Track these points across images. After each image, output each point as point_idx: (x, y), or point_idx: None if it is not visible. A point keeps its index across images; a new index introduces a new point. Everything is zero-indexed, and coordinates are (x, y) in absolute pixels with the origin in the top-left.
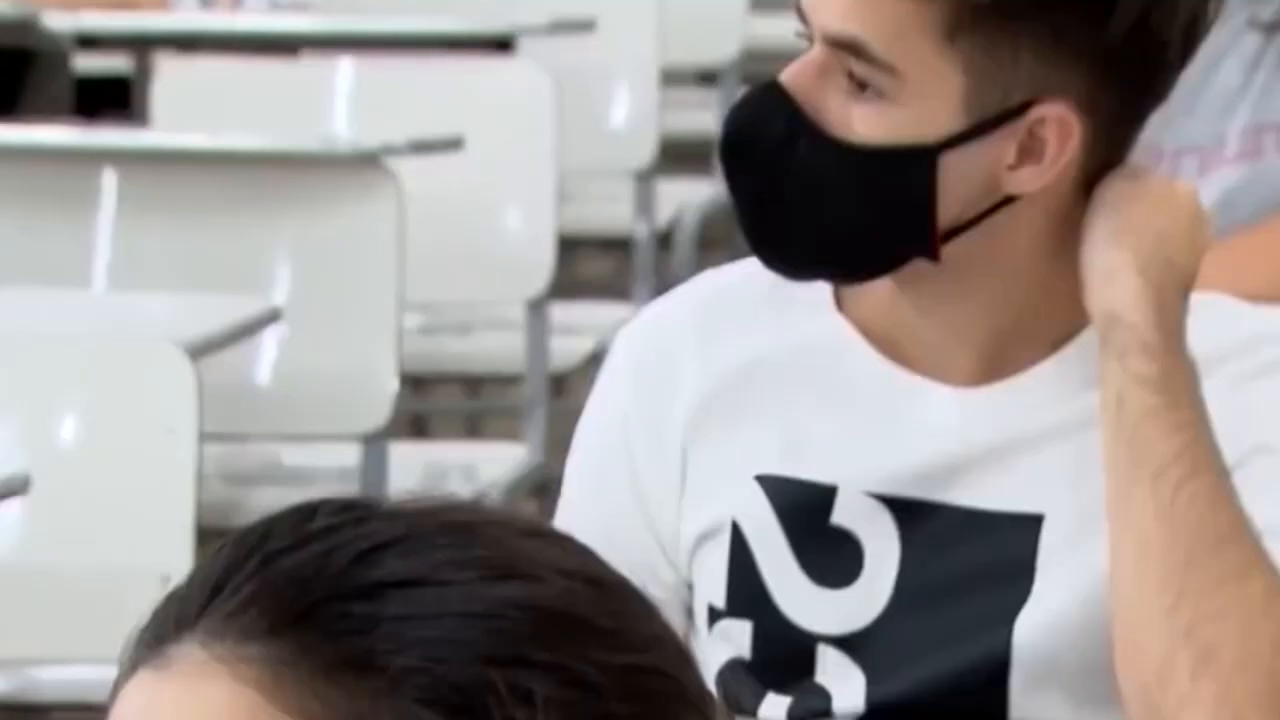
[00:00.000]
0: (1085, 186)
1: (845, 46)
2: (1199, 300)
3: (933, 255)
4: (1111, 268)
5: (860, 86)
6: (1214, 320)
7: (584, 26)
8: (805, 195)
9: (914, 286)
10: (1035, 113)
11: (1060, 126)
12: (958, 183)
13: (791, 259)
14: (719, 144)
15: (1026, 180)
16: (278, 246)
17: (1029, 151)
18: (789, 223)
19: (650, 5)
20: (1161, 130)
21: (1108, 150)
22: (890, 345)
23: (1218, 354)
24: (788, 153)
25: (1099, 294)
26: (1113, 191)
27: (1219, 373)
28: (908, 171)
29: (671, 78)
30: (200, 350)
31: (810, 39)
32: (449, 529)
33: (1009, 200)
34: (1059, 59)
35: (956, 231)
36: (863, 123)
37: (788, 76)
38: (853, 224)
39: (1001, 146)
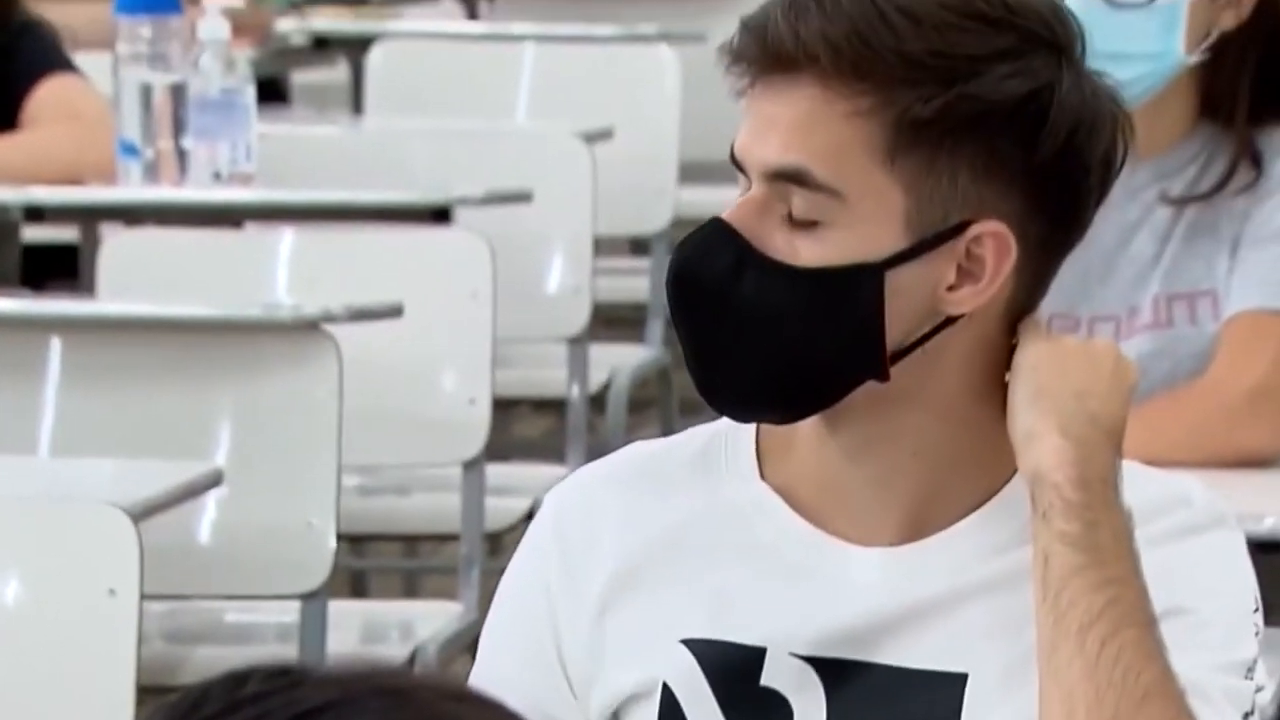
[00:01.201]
0: (1010, 322)
1: (788, 177)
2: None
3: (883, 374)
4: (1032, 430)
5: (802, 215)
6: (1127, 485)
7: (521, 197)
8: (755, 323)
9: (847, 428)
10: (973, 230)
11: (997, 243)
12: (901, 302)
13: (741, 391)
14: (667, 280)
15: (965, 300)
16: (220, 410)
17: (967, 273)
18: (739, 352)
19: (585, 177)
20: (1078, 299)
21: (1032, 283)
22: (813, 509)
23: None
24: (736, 282)
25: (1024, 456)
26: (1030, 355)
27: (1134, 535)
28: (856, 290)
29: (605, 246)
30: (143, 513)
31: (746, 184)
32: (380, 693)
33: (948, 323)
34: (993, 179)
35: (900, 355)
36: (807, 249)
37: (730, 214)
38: (804, 347)
39: (942, 267)
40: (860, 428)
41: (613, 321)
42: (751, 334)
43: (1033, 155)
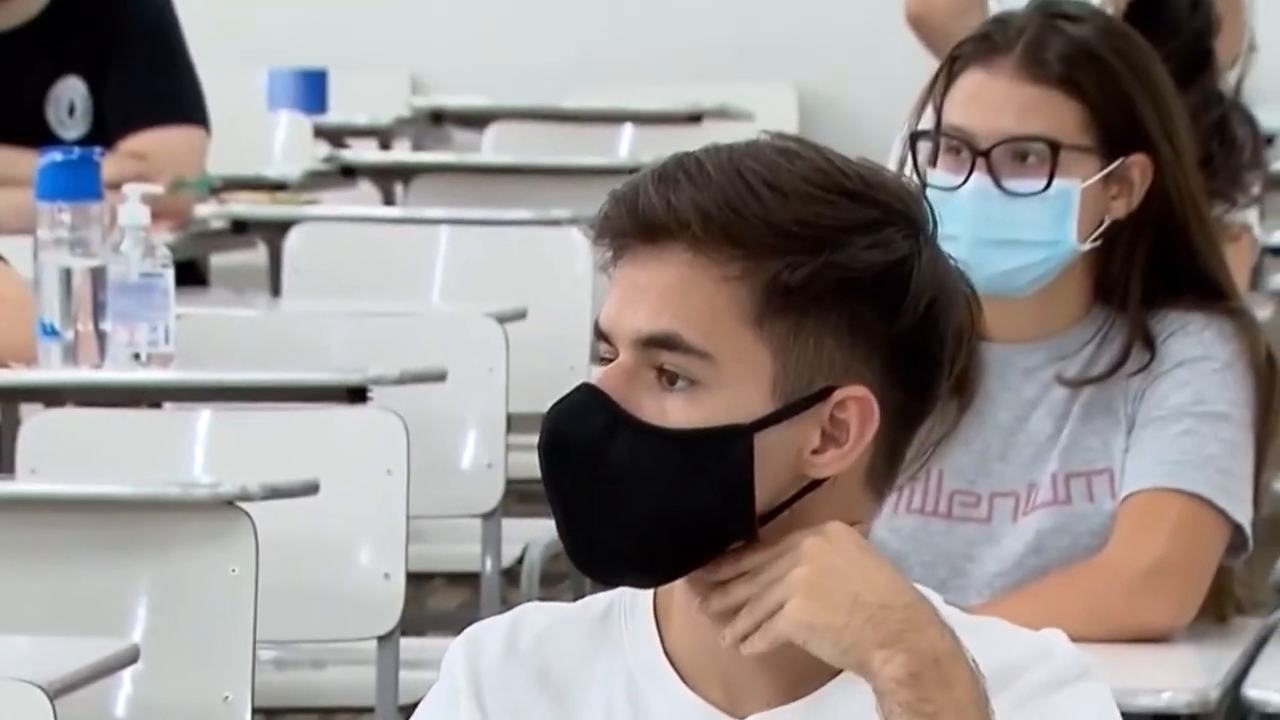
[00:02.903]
0: (872, 490)
1: (659, 343)
2: (976, 622)
3: (752, 535)
4: (858, 663)
5: (671, 380)
6: (991, 642)
7: (435, 377)
8: (627, 484)
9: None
10: (838, 395)
11: (861, 408)
12: (768, 465)
13: (613, 554)
14: (539, 444)
15: (829, 464)
16: (137, 587)
17: (831, 437)
18: (612, 514)
19: (498, 356)
20: (978, 476)
21: (890, 452)
22: (696, 677)
23: (999, 677)
24: (608, 445)
25: (861, 680)
26: (802, 612)
27: (1003, 694)
28: (727, 451)
29: (518, 423)
30: (59, 690)
31: (612, 355)
32: None
33: (812, 487)
34: (856, 346)
35: (767, 517)
36: (678, 412)
37: (598, 379)
38: (676, 507)
39: (807, 431)
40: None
41: (526, 496)
42: (624, 496)
43: (893, 325)
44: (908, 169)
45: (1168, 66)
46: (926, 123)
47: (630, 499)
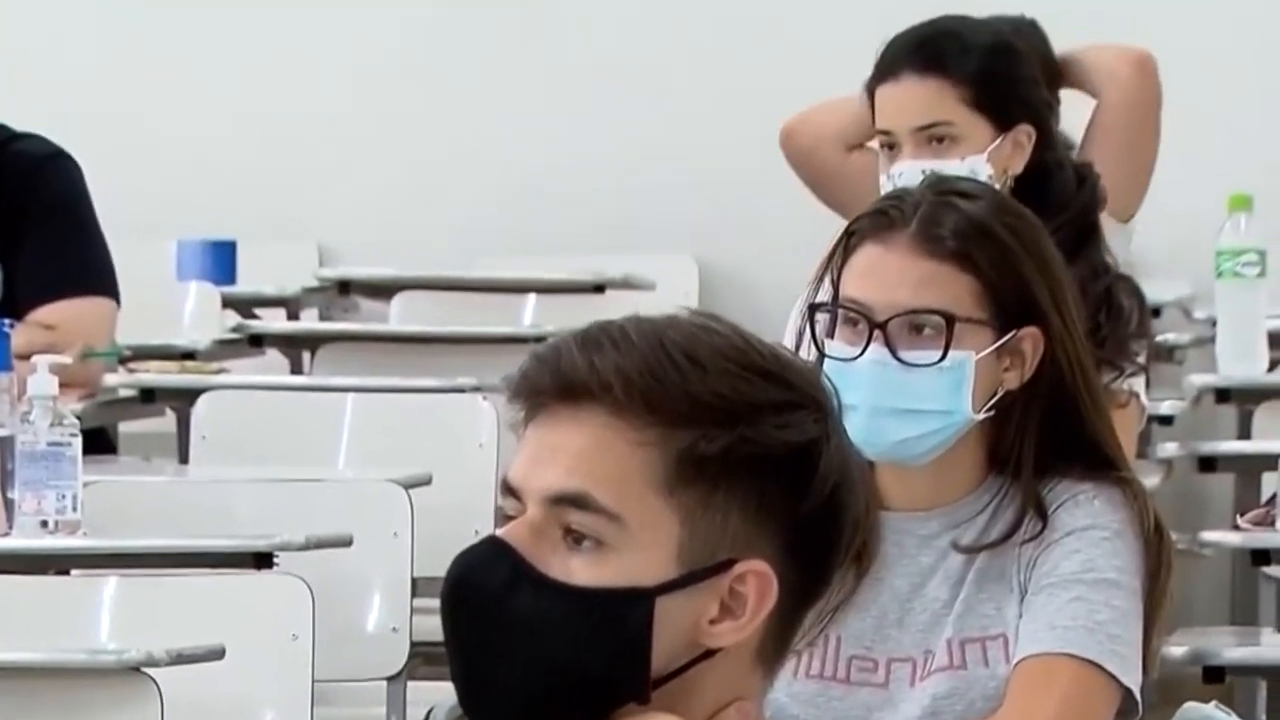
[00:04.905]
0: (762, 668)
1: (570, 501)
2: None
3: (644, 697)
4: None
5: (578, 539)
6: None
7: (341, 542)
8: (526, 637)
9: None
10: (739, 569)
11: (760, 582)
12: (666, 630)
13: (506, 706)
14: (441, 592)
15: (725, 634)
16: None
17: (729, 609)
18: (508, 666)
19: (403, 521)
20: (876, 641)
21: (780, 632)
22: None
23: None
24: (510, 597)
25: None
26: None
27: None
28: (627, 613)
29: (423, 586)
30: None
31: (517, 513)
32: None
33: (705, 656)
34: (762, 522)
35: (659, 682)
36: (582, 571)
37: (505, 532)
38: (571, 664)
39: (706, 600)
40: None
41: (431, 659)
42: (522, 648)
43: (799, 504)
44: (805, 340)
45: (1056, 239)
46: (824, 295)
47: (528, 652)
